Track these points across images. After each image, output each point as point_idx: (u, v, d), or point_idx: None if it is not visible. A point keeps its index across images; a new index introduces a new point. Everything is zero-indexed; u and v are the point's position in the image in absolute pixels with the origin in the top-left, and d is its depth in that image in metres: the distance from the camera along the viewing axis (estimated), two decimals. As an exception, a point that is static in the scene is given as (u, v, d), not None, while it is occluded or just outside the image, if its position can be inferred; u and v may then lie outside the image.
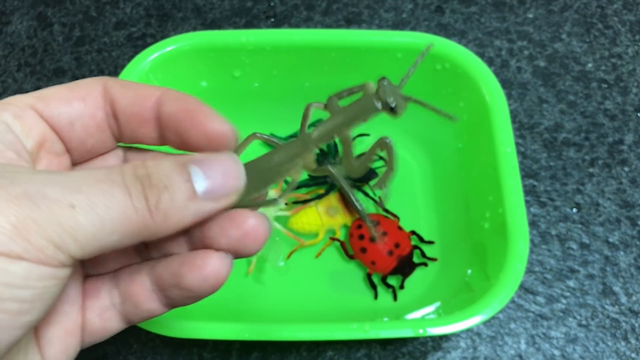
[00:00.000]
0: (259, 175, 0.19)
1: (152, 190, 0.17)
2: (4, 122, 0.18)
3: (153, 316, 0.20)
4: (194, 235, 0.19)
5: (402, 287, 0.36)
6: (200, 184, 0.17)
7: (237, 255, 0.19)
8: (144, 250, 0.20)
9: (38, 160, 0.19)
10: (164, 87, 0.20)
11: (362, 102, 0.19)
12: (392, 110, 0.19)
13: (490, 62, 0.43)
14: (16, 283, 0.15)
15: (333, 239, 0.37)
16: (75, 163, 0.21)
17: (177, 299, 0.19)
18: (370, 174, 0.38)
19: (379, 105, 0.19)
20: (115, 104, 0.20)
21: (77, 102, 0.19)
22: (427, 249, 0.37)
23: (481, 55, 0.43)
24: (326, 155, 0.38)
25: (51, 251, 0.15)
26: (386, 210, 0.38)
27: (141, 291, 0.19)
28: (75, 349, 0.19)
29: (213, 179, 0.17)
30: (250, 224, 0.18)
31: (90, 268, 0.20)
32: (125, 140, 0.21)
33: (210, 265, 0.18)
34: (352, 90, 0.20)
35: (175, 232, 0.17)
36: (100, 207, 0.16)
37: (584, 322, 0.36)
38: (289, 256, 0.37)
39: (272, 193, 0.36)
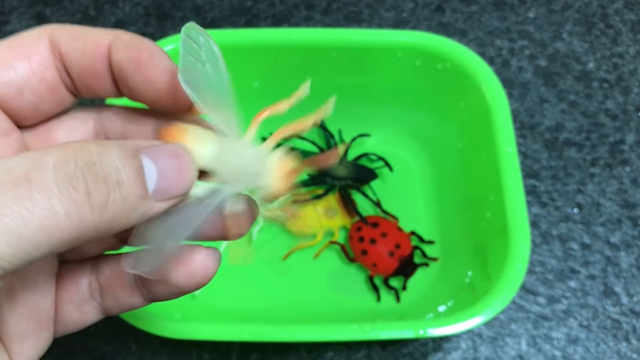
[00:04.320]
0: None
1: (98, 185, 0.14)
2: None
3: (133, 309, 0.19)
4: None
5: (404, 288, 0.36)
6: (152, 181, 0.15)
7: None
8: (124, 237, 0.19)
9: None
10: (115, 31, 0.17)
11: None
12: None
13: (491, 61, 0.43)
14: None
15: (333, 242, 0.37)
16: (29, 126, 0.18)
17: (160, 294, 0.18)
18: (370, 174, 0.38)
19: None
20: (64, 58, 0.17)
21: (21, 65, 0.16)
22: (427, 249, 0.36)
23: (482, 55, 0.43)
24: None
25: None
26: (385, 212, 0.37)
27: (123, 284, 0.18)
28: (47, 341, 0.18)
29: (166, 176, 0.15)
30: (197, 261, 0.17)
31: (67, 252, 0.18)
32: (83, 95, 0.18)
33: (197, 261, 0.17)
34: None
35: (123, 229, 0.15)
36: (14, 221, 0.12)
37: (585, 323, 0.36)
38: (285, 257, 0.37)
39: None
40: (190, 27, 0.16)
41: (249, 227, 0.18)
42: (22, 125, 0.18)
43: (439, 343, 0.35)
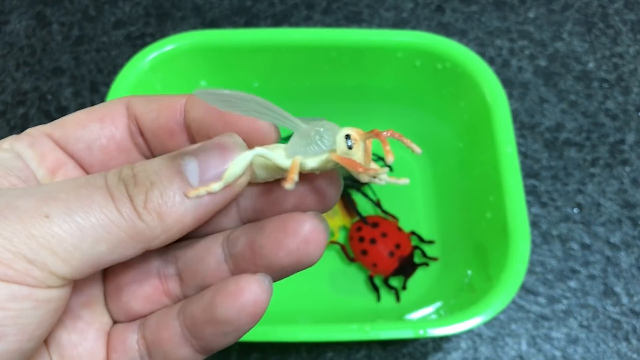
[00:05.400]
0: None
1: (136, 189, 0.15)
2: (14, 150, 0.17)
3: None
4: (240, 258, 0.17)
5: (404, 287, 0.36)
6: (194, 174, 0.15)
7: (298, 267, 0.16)
8: (179, 290, 0.19)
9: None
10: (188, 94, 0.18)
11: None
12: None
13: (491, 61, 0.43)
14: None
15: (333, 242, 0.37)
16: None
17: (211, 338, 0.17)
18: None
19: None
20: (139, 121, 0.18)
21: (93, 125, 0.18)
22: (427, 249, 0.36)
23: (482, 55, 0.43)
24: None
25: (22, 266, 0.13)
26: (385, 212, 0.37)
27: (170, 337, 0.17)
28: None
29: (207, 165, 0.15)
30: (307, 229, 0.16)
31: (117, 313, 0.19)
32: (156, 156, 0.19)
33: (246, 291, 0.16)
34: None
35: (180, 234, 0.16)
36: (78, 214, 0.14)
37: (585, 323, 0.35)
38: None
39: None
40: (204, 94, 0.16)
41: (325, 247, 0.17)
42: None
43: (439, 343, 0.35)
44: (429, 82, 0.36)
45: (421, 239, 0.37)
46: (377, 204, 0.38)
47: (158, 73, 0.33)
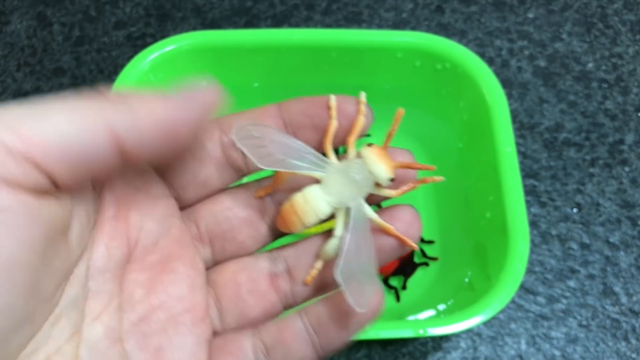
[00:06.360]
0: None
1: None
2: None
3: None
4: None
5: (404, 287, 0.36)
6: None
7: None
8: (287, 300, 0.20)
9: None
10: (282, 102, 0.19)
11: None
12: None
13: (490, 61, 0.43)
14: None
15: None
16: (190, 203, 0.20)
17: (335, 337, 0.18)
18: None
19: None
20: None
21: None
22: (427, 248, 0.37)
23: (481, 55, 0.43)
24: None
25: None
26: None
27: (293, 336, 0.18)
28: None
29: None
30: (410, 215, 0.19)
31: (229, 320, 0.19)
32: (251, 169, 0.20)
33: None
34: None
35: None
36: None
37: (584, 323, 0.36)
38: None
39: None
40: (240, 130, 0.18)
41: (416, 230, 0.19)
42: (183, 197, 0.20)
43: (438, 342, 0.35)
44: (428, 83, 0.36)
45: (421, 239, 0.37)
46: (377, 204, 0.38)
47: (159, 73, 0.34)
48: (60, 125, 0.14)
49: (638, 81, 0.43)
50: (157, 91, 0.17)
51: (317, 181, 0.19)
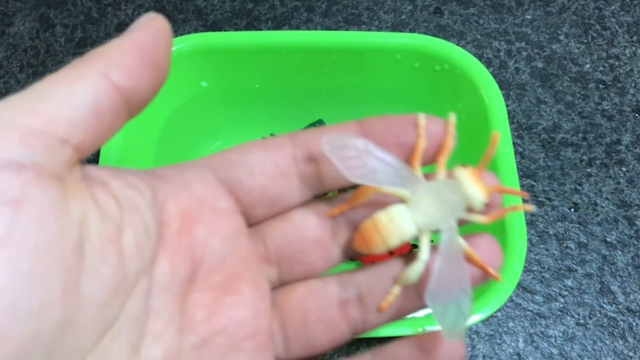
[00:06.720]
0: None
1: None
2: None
3: None
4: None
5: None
6: None
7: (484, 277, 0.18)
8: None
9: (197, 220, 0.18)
10: (362, 119, 0.18)
11: None
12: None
13: (488, 63, 0.43)
14: None
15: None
16: (258, 220, 0.19)
17: None
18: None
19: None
20: (312, 146, 0.18)
21: (257, 151, 0.18)
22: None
23: (480, 57, 0.43)
24: None
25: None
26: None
27: None
28: None
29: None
30: (442, 350, 0.18)
31: (295, 349, 0.19)
32: (326, 186, 0.19)
33: (442, 348, 0.17)
34: None
35: None
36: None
37: (581, 321, 0.36)
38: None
39: None
40: (330, 141, 0.17)
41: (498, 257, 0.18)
42: (251, 213, 0.19)
43: (437, 341, 0.35)
44: (427, 84, 0.36)
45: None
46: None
47: (160, 75, 0.34)
48: (70, 92, 0.14)
49: (635, 82, 0.43)
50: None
51: (400, 200, 0.18)
